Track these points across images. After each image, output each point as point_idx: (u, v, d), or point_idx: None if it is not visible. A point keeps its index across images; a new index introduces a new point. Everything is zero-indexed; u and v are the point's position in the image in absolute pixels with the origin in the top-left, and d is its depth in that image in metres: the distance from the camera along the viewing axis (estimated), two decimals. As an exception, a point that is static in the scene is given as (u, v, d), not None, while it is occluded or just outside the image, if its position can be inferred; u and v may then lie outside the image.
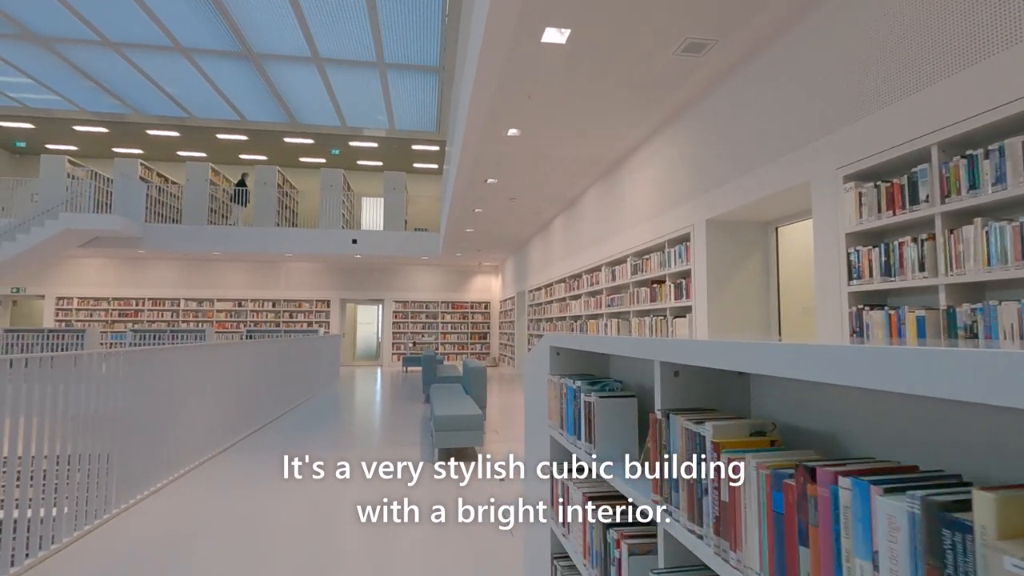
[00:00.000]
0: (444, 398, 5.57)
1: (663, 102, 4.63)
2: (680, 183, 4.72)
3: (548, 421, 2.00)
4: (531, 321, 11.53)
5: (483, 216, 9.31)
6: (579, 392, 1.59)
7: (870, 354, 0.57)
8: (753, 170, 3.73)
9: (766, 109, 3.57)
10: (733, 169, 3.95)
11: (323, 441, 5.64)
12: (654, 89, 4.39)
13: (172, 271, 15.07)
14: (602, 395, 1.46)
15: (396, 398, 9.12)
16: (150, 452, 3.92)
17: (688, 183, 4.57)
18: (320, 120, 13.73)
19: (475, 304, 16.54)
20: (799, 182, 3.29)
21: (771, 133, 3.53)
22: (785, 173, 3.39)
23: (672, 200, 4.86)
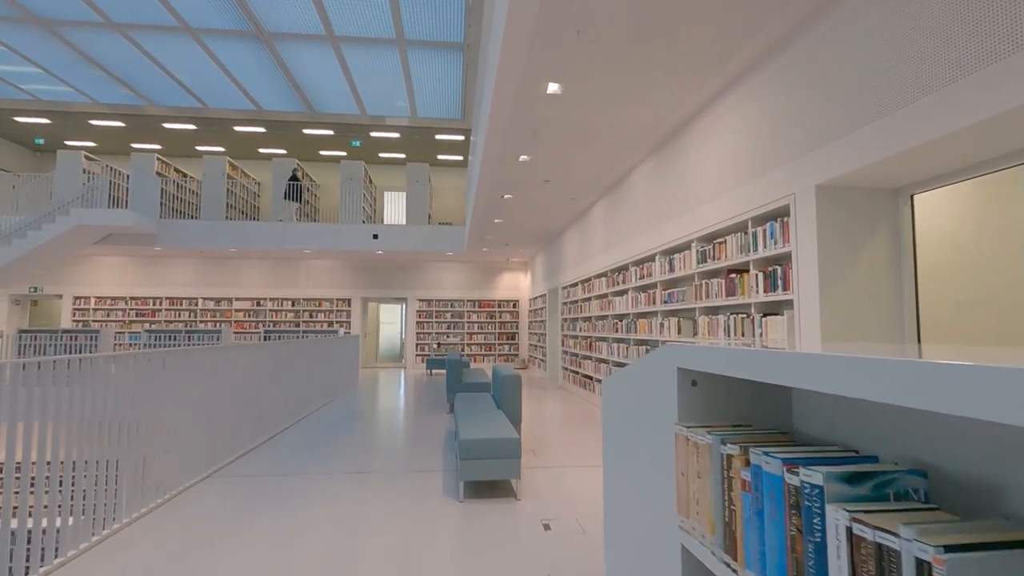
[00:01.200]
0: (471, 413, 4.64)
1: (750, 42, 3.60)
2: (772, 144, 3.69)
3: (680, 518, 1.03)
4: (565, 320, 10.54)
5: (513, 204, 8.36)
6: (847, 522, 0.63)
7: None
8: (885, 116, 2.69)
9: (916, 23, 2.52)
10: (856, 116, 2.91)
11: (331, 462, 4.79)
12: (738, 23, 3.37)
13: (190, 269, 14.56)
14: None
15: (418, 406, 8.25)
16: (139, 468, 3.16)
17: (786, 142, 3.54)
18: (339, 108, 12.99)
19: (503, 303, 15.62)
20: (973, 122, 2.25)
21: (922, 57, 2.48)
22: (947, 111, 2.35)
23: (758, 166, 3.83)
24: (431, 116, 13.44)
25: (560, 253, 11.01)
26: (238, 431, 5.17)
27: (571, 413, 7.39)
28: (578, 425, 6.49)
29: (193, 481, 4.07)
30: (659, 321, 5.65)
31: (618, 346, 7.02)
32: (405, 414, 7.40)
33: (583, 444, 5.45)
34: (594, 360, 8.30)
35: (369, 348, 16.24)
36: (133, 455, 3.35)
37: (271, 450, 5.24)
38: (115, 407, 3.20)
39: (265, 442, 5.61)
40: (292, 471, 4.45)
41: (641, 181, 6.24)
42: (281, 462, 4.77)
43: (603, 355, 7.73)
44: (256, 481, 4.17)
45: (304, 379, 7.70)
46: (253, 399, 5.86)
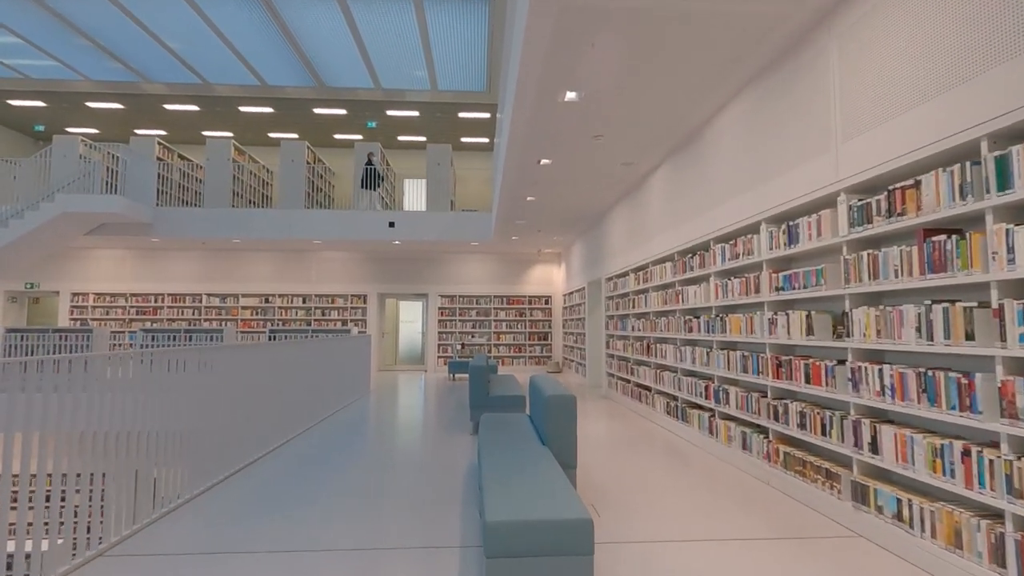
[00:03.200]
0: (500, 456, 3.08)
1: None
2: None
3: None
4: (610, 318, 8.90)
5: (551, 173, 6.78)
6: None
7: None
8: None
9: None
10: None
11: (314, 507, 3.33)
12: None
13: (192, 264, 13.41)
14: None
15: (437, 421, 6.76)
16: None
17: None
18: (351, 82, 11.62)
19: (534, 298, 14.04)
20: None
21: None
22: None
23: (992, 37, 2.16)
24: (453, 89, 11.96)
25: (604, 238, 9.37)
26: (198, 458, 3.74)
27: (630, 436, 5.77)
28: (646, 455, 4.88)
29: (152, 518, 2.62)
30: (766, 316, 3.99)
31: (692, 350, 5.38)
32: (419, 434, 5.89)
33: (668, 491, 3.84)
34: (653, 367, 6.66)
35: (388, 349, 14.87)
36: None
37: (231, 492, 3.79)
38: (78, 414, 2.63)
39: (229, 476, 4.17)
40: (227, 544, 2.97)
41: (732, 126, 4.59)
42: (228, 518, 3.29)
43: (667, 361, 6.09)
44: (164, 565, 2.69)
45: (304, 387, 6.28)
46: (239, 411, 4.47)
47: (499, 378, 7.48)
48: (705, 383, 5.10)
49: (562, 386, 3.79)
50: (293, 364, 6.05)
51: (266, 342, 5.50)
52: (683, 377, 5.66)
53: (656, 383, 6.49)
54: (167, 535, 3.04)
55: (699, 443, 5.19)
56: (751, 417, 4.23)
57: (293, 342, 6.03)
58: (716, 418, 4.85)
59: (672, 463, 4.65)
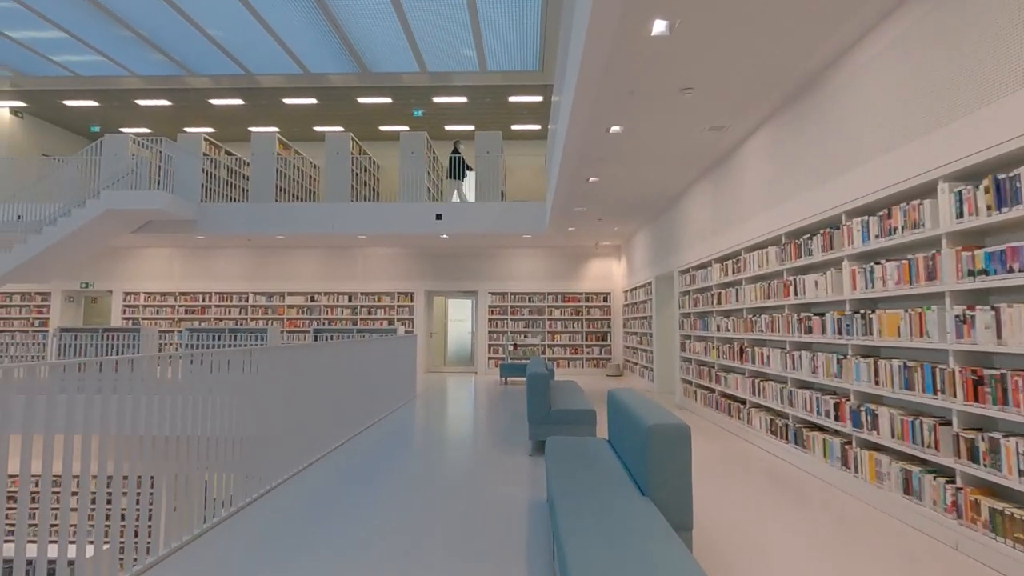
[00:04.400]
0: (588, 514, 2.10)
1: None
2: None
3: None
4: (687, 316, 7.75)
5: (621, 145, 5.75)
6: None
7: None
8: None
9: None
10: None
11: (354, 546, 2.50)
12: None
13: (239, 262, 13.13)
14: None
15: (491, 437, 5.88)
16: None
17: None
18: (396, 66, 10.92)
19: (591, 295, 12.97)
20: None
21: None
22: None
23: None
24: (503, 69, 11.07)
25: (676, 225, 8.22)
26: (238, 467, 3.01)
27: (723, 459, 4.67)
28: (755, 489, 3.79)
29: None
30: (950, 312, 2.84)
31: (812, 357, 4.23)
32: (470, 453, 5.00)
33: (809, 552, 2.77)
34: (748, 375, 5.51)
35: (436, 350, 14.17)
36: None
37: (264, 513, 2.99)
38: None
39: (258, 498, 3.40)
40: (288, 548, 2.14)
41: (885, 54, 3.43)
42: (255, 553, 2.48)
43: (770, 368, 4.94)
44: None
45: (348, 391, 5.55)
46: (268, 419, 3.80)
47: (559, 386, 6.50)
48: (835, 400, 3.94)
49: (663, 409, 2.77)
50: (336, 366, 5.32)
51: (309, 343, 4.78)
52: (796, 390, 4.50)
53: (753, 394, 5.34)
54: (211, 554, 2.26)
55: (823, 475, 4.04)
56: (920, 451, 3.08)
57: (336, 343, 5.31)
58: (854, 446, 3.69)
59: (795, 504, 3.54)
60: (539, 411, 4.78)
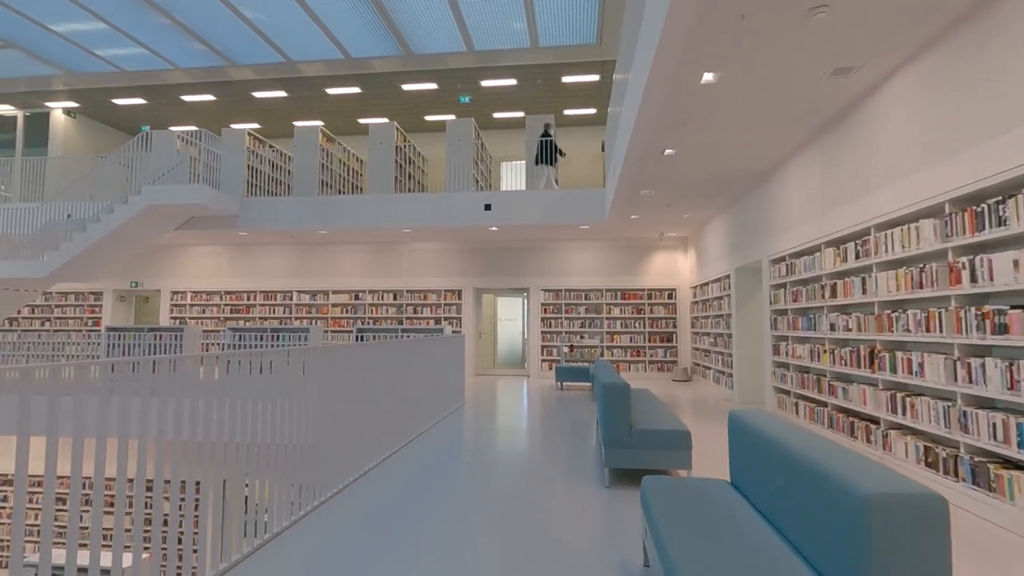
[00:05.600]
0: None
1: None
2: None
3: None
4: (781, 313, 6.54)
5: (712, 101, 4.67)
6: None
7: None
8: None
9: None
10: None
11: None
12: None
13: (283, 259, 12.73)
14: None
15: (554, 457, 4.94)
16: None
17: None
18: (441, 46, 10.15)
19: (654, 292, 11.79)
20: None
21: None
22: None
23: None
24: (557, 44, 10.10)
25: (767, 205, 7.01)
26: (278, 480, 2.29)
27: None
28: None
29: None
30: None
31: (1008, 366, 3.04)
32: (531, 481, 4.06)
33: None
34: (882, 386, 4.31)
35: (485, 350, 13.34)
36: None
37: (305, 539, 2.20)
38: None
39: (297, 520, 2.59)
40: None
41: None
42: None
43: (925, 380, 3.75)
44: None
45: (394, 397, 4.76)
46: (309, 426, 3.31)
47: (639, 397, 5.46)
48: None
49: (858, 456, 1.73)
50: (380, 369, 4.58)
51: (349, 343, 4.04)
52: (972, 410, 3.31)
53: (893, 412, 4.15)
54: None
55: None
56: None
57: (379, 343, 4.57)
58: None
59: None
60: (618, 432, 3.78)
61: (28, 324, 13.09)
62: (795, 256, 6.11)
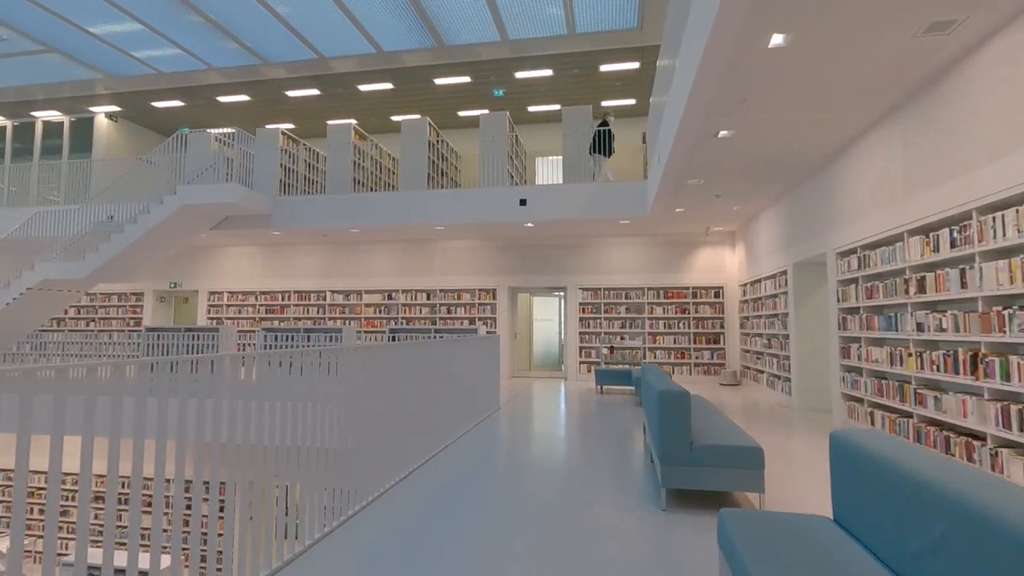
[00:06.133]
0: None
1: None
2: None
3: None
4: (852, 312, 5.87)
5: (781, 66, 4.12)
6: None
7: None
8: None
9: None
10: None
11: None
12: None
13: (316, 259, 12.63)
14: None
15: (599, 472, 4.49)
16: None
17: None
18: (474, 36, 9.79)
19: (700, 290, 11.13)
20: None
21: None
22: None
23: None
24: (595, 30, 9.60)
25: (833, 191, 6.34)
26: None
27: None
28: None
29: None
30: None
31: None
32: (576, 499, 3.60)
33: None
34: (990, 396, 3.67)
35: (521, 352, 12.92)
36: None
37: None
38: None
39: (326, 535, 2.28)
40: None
41: None
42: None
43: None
44: None
45: (426, 401, 4.41)
46: (340, 431, 3.15)
47: (700, 409, 4.92)
48: None
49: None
50: (411, 371, 4.23)
51: (380, 343, 3.72)
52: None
53: (1003, 427, 3.51)
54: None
55: None
56: None
57: (411, 343, 4.23)
58: None
59: None
60: (676, 447, 3.28)
61: (75, 324, 13.40)
62: (869, 247, 5.45)
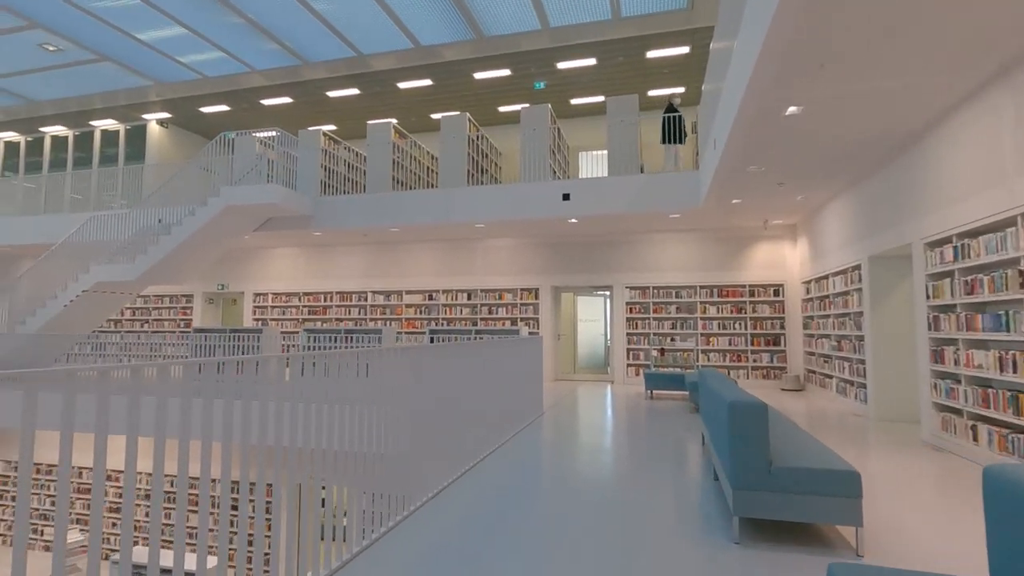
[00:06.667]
0: None
1: None
2: None
3: None
4: (947, 310, 5.14)
5: (871, 18, 3.53)
6: None
7: None
8: None
9: None
10: None
11: None
12: None
13: (357, 259, 12.56)
14: None
15: (656, 492, 4.01)
16: None
17: None
18: (514, 25, 9.43)
19: (757, 288, 10.37)
20: None
21: None
22: None
23: None
24: (641, 12, 9.05)
25: (921, 174, 5.60)
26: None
27: None
28: None
29: None
30: None
31: None
32: (627, 523, 3.14)
33: None
34: None
35: (565, 354, 12.45)
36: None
37: None
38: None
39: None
40: None
41: None
42: None
43: None
44: None
45: (459, 411, 4.06)
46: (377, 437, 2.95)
47: (777, 424, 4.36)
48: None
49: None
50: (452, 374, 3.95)
51: (423, 344, 3.42)
52: None
53: None
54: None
55: None
56: None
57: (450, 345, 3.91)
58: None
59: None
60: (752, 469, 2.77)
61: (130, 325, 13.84)
62: (969, 235, 4.72)
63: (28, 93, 12.23)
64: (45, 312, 10.25)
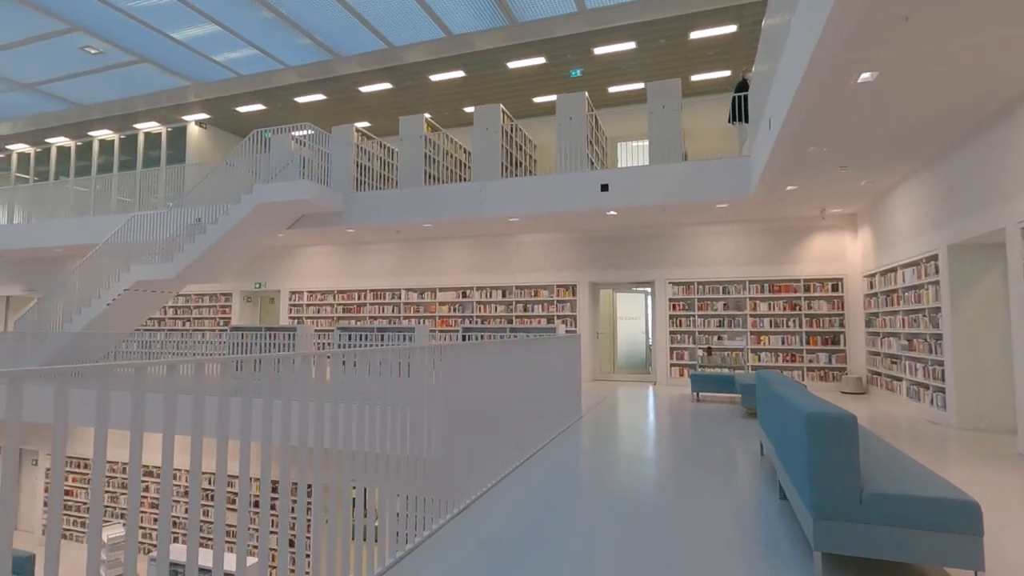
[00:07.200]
0: None
1: None
2: None
3: None
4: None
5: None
6: None
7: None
8: None
9: None
10: None
11: None
12: None
13: (391, 256, 12.38)
14: None
15: (712, 512, 3.56)
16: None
17: None
18: (548, 9, 9.01)
19: (813, 283, 9.61)
20: None
21: None
22: None
23: None
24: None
25: (1010, 153, 4.90)
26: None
27: None
28: None
29: None
30: None
31: None
32: (683, 553, 2.70)
33: None
34: None
35: (604, 353, 11.95)
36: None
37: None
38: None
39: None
40: None
41: None
42: None
43: None
44: None
45: (490, 415, 3.70)
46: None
47: (874, 446, 3.82)
48: None
49: None
50: (485, 374, 3.64)
51: (452, 344, 3.10)
52: None
53: None
54: None
55: None
56: None
57: (483, 343, 3.60)
58: None
59: None
60: (839, 496, 2.28)
61: (172, 324, 14.11)
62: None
63: (76, 98, 12.56)
64: (90, 311, 10.46)
